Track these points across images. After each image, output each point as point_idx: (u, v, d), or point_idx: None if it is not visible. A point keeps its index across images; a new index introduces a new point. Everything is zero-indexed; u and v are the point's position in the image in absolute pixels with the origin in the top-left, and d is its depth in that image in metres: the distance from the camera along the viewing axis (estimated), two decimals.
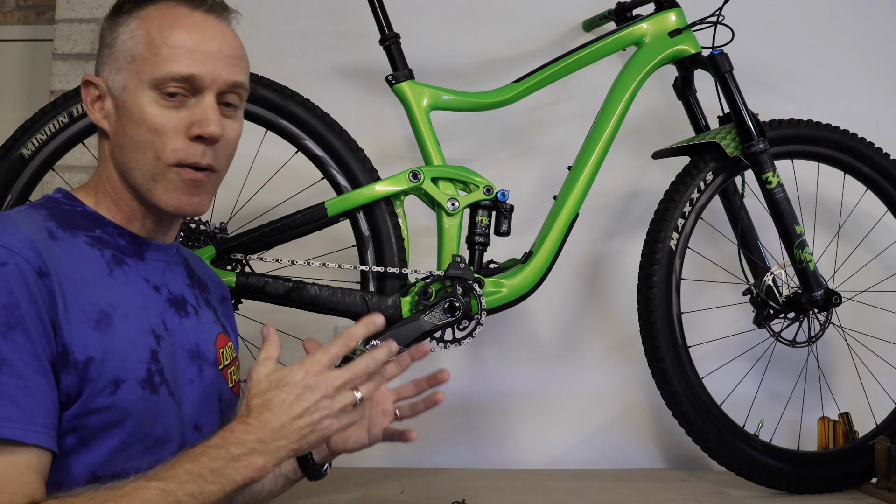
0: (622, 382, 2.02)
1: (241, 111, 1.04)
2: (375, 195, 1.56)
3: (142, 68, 0.96)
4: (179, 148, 0.96)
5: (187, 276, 1.10)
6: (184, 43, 0.96)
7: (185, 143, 0.96)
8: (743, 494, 1.67)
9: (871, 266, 2.04)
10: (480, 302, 1.55)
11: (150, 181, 0.97)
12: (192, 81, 0.96)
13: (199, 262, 1.19)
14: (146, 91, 0.96)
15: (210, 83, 0.97)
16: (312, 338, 1.08)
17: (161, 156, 0.96)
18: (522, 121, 2.04)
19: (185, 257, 1.13)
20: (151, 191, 0.97)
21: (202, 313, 1.08)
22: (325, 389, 0.90)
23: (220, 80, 0.97)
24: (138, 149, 0.97)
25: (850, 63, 2.12)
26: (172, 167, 0.96)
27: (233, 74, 0.99)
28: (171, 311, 1.02)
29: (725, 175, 1.73)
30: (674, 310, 1.67)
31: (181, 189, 0.97)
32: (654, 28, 1.74)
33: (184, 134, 0.96)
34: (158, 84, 0.95)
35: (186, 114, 0.96)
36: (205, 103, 0.96)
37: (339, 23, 2.04)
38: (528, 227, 1.79)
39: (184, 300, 1.05)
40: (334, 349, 0.93)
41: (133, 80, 0.96)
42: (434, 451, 1.97)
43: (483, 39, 2.05)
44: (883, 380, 1.96)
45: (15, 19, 2.16)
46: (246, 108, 1.53)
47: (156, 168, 0.96)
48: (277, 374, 0.91)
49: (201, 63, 0.96)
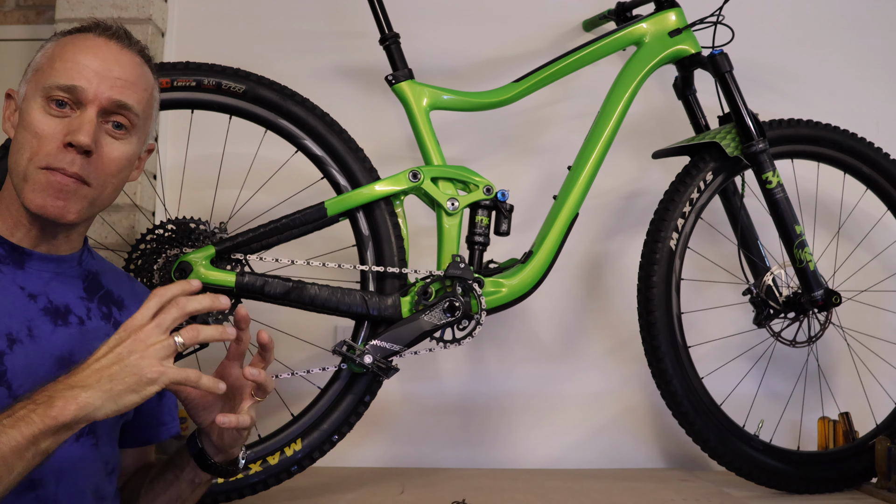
0: (622, 382, 2.02)
1: (133, 136, 1.09)
2: (375, 195, 1.56)
3: (39, 79, 1.06)
4: (51, 152, 1.03)
5: (84, 290, 1.13)
6: (76, 58, 1.05)
7: (58, 149, 1.03)
8: (743, 494, 1.67)
9: (871, 266, 2.04)
10: (480, 302, 1.55)
11: (22, 181, 1.04)
12: (75, 92, 1.03)
13: (124, 279, 1.23)
14: (38, 99, 1.05)
15: (92, 98, 1.04)
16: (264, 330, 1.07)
17: (34, 157, 1.03)
18: (522, 121, 2.04)
19: (93, 271, 1.16)
20: (22, 191, 1.04)
21: (91, 325, 1.11)
22: (136, 333, 0.92)
23: (103, 96, 1.04)
24: (18, 150, 1.05)
25: (850, 63, 2.12)
26: (41, 169, 1.03)
27: (117, 94, 1.06)
28: (44, 319, 1.06)
29: (725, 175, 1.73)
30: (674, 310, 1.67)
31: (46, 190, 1.03)
32: (653, 28, 1.74)
33: (59, 140, 1.03)
34: (46, 92, 1.04)
35: (67, 123, 1.04)
36: (84, 115, 1.04)
37: (339, 23, 2.04)
38: (528, 227, 1.79)
39: (67, 310, 1.09)
40: (149, 303, 0.95)
41: (31, 90, 1.06)
42: (434, 451, 1.97)
43: (483, 39, 2.05)
44: (883, 380, 1.96)
45: (15, 19, 2.16)
46: (246, 108, 1.56)
47: (27, 168, 1.03)
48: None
49: (87, 78, 1.04)
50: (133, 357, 0.90)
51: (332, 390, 1.56)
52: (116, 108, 1.06)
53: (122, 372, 0.89)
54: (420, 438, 1.98)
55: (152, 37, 1.93)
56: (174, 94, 1.53)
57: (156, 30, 1.95)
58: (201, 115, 1.60)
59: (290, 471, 1.53)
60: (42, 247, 1.09)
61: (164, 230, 1.50)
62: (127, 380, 0.89)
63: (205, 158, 1.82)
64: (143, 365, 0.90)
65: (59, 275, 1.10)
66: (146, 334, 0.92)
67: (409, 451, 1.97)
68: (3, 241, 1.06)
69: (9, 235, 1.07)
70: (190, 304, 0.96)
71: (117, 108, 1.06)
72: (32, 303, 1.06)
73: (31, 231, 1.07)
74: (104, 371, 0.89)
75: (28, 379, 1.01)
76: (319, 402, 1.56)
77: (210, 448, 1.11)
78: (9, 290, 1.04)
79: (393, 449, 1.97)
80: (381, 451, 1.97)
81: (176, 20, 2.03)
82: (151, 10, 1.93)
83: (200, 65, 1.56)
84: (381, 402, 1.70)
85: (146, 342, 0.91)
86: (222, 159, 1.77)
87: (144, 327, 0.92)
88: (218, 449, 1.10)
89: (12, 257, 1.06)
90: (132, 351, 0.90)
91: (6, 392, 0.99)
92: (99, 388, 0.88)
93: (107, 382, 0.89)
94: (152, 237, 1.50)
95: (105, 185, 1.08)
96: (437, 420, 1.99)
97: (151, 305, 0.94)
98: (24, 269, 1.07)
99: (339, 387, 1.56)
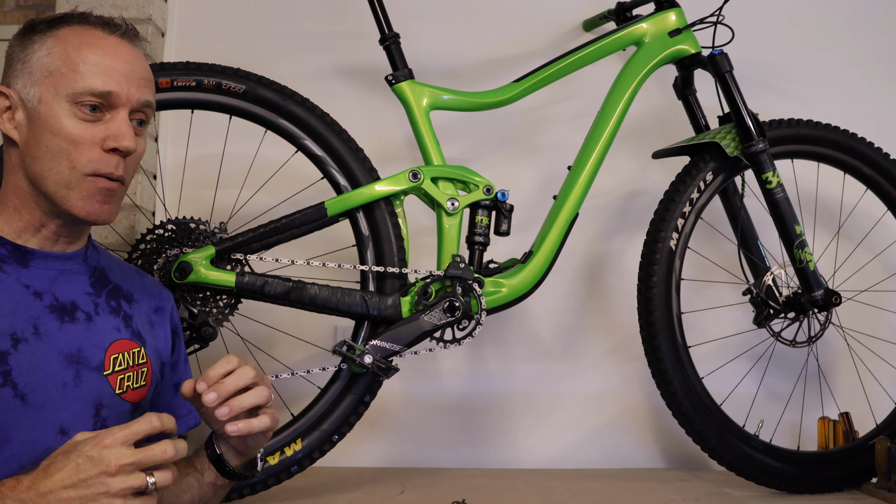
0: (622, 382, 2.02)
1: (146, 129, 1.13)
2: (375, 195, 1.56)
3: (59, 82, 1.04)
4: (94, 159, 1.04)
5: (91, 285, 1.13)
6: (101, 62, 1.05)
7: (100, 154, 1.04)
8: (743, 494, 1.67)
9: (871, 266, 2.04)
10: (480, 302, 1.55)
11: (65, 189, 1.04)
12: (108, 98, 1.05)
13: (133, 273, 1.23)
14: (63, 104, 1.04)
15: (125, 100, 1.06)
16: (232, 356, 1.04)
17: (77, 165, 1.03)
18: (522, 121, 2.04)
19: (100, 267, 1.16)
20: (66, 198, 1.04)
21: (99, 320, 1.11)
22: (106, 465, 0.87)
23: (134, 98, 1.07)
24: (53, 158, 1.04)
25: (850, 63, 2.12)
26: (88, 176, 1.04)
27: (144, 94, 1.08)
28: (50, 317, 1.06)
29: (725, 175, 1.73)
30: (674, 310, 1.67)
31: (95, 197, 1.05)
32: (653, 28, 1.74)
33: (99, 146, 1.04)
34: (76, 97, 1.04)
35: (102, 127, 1.05)
36: (119, 118, 1.06)
37: (339, 23, 2.04)
38: (528, 227, 1.79)
39: (73, 307, 1.09)
40: (136, 426, 0.90)
41: (49, 93, 1.04)
42: (434, 451, 1.97)
43: (483, 39, 2.05)
44: (883, 380, 1.96)
45: (15, 19, 2.16)
46: (246, 108, 1.56)
47: (71, 177, 1.04)
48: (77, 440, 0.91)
49: (117, 82, 1.05)
50: (97, 490, 0.86)
51: (332, 390, 1.56)
52: (142, 107, 1.09)
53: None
54: (420, 438, 1.98)
55: (152, 37, 1.93)
56: (174, 94, 1.54)
57: (156, 30, 1.95)
58: (201, 115, 1.60)
59: (290, 471, 1.53)
60: (54, 246, 1.09)
61: (164, 230, 1.50)
62: None
63: (205, 158, 1.82)
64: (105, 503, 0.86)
65: (64, 272, 1.10)
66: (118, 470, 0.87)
67: (409, 451, 1.97)
68: (5, 242, 1.06)
69: (14, 238, 1.07)
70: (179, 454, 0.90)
71: (142, 107, 1.09)
72: (38, 301, 1.05)
73: (39, 232, 1.07)
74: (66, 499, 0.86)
75: (34, 377, 1.01)
76: (319, 403, 1.56)
77: (228, 452, 1.11)
78: (12, 289, 1.04)
79: (393, 449, 1.97)
80: (381, 451, 1.97)
81: (176, 20, 2.03)
82: (151, 10, 1.93)
83: (200, 65, 1.56)
84: (381, 402, 1.70)
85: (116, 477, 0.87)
86: (222, 159, 1.77)
87: (121, 460, 0.87)
88: (238, 452, 1.11)
89: (15, 256, 1.06)
90: (99, 483, 0.86)
91: (11, 392, 0.99)
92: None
93: None
94: (152, 237, 1.50)
95: (131, 180, 1.11)
96: (437, 420, 1.99)
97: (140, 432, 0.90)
98: (28, 268, 1.07)
99: (339, 387, 1.56)
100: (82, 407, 1.05)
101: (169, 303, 1.26)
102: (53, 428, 1.02)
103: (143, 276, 1.25)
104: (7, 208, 1.08)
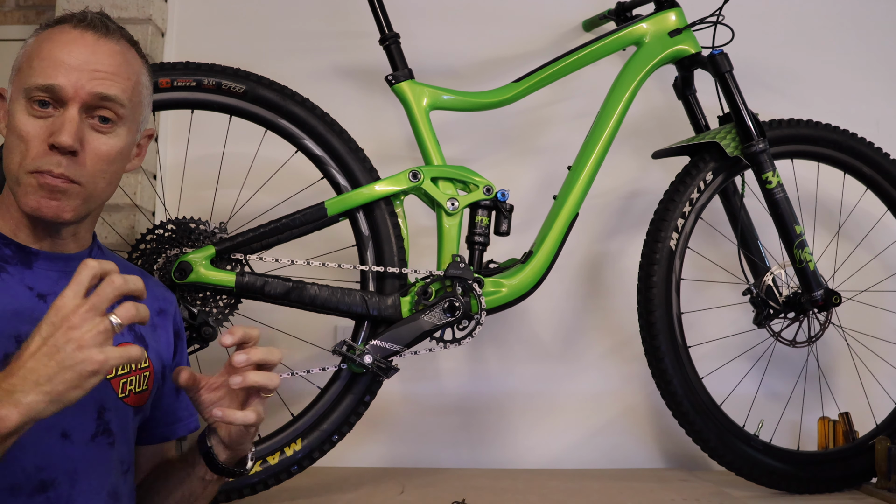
0: (622, 382, 2.02)
1: (121, 127, 1.06)
2: (375, 195, 1.56)
3: (20, 79, 1.04)
4: (37, 155, 1.01)
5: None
6: (52, 55, 1.02)
7: (44, 151, 1.01)
8: (743, 494, 1.67)
9: (871, 266, 2.04)
10: (480, 302, 1.55)
11: (15, 185, 1.03)
12: (54, 91, 1.01)
13: (136, 275, 1.20)
14: (21, 100, 1.03)
15: (72, 94, 1.01)
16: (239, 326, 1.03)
17: (23, 161, 1.02)
18: (522, 121, 2.04)
19: None
20: (16, 194, 1.03)
21: None
22: (67, 322, 0.85)
23: (83, 91, 1.01)
24: (10, 154, 1.03)
25: (850, 63, 2.12)
26: (30, 173, 1.01)
27: (98, 87, 1.02)
28: None
29: (725, 175, 1.73)
30: (674, 310, 1.67)
31: (37, 192, 1.02)
32: (653, 28, 1.74)
33: (45, 142, 1.01)
34: (28, 93, 1.02)
35: (50, 123, 1.01)
36: (66, 115, 1.01)
37: (339, 23, 2.04)
38: (528, 227, 1.79)
39: None
40: (79, 276, 0.88)
41: (15, 91, 1.05)
42: (434, 451, 1.97)
43: (483, 39, 2.05)
44: (883, 380, 1.96)
45: (15, 19, 2.16)
46: (246, 108, 1.56)
47: (18, 172, 1.02)
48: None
49: (64, 75, 1.01)
50: (69, 348, 0.84)
51: (332, 390, 1.56)
52: (99, 101, 1.03)
53: (59, 369, 0.83)
54: (420, 438, 1.98)
55: (152, 37, 1.93)
56: (174, 94, 1.53)
57: (156, 30, 1.95)
58: (201, 115, 1.60)
59: (290, 471, 1.53)
60: (47, 245, 1.08)
61: (164, 230, 1.50)
62: (67, 376, 0.84)
63: (205, 158, 1.82)
64: (81, 357, 0.84)
65: (68, 273, 1.07)
66: (80, 319, 0.85)
67: (409, 451, 1.97)
68: (10, 242, 1.06)
69: (13, 236, 1.07)
70: (129, 283, 0.88)
71: (100, 102, 1.03)
72: (42, 303, 1.04)
73: (34, 231, 1.07)
74: (41, 370, 0.83)
75: None
76: (319, 402, 1.56)
77: (218, 446, 1.10)
78: (17, 291, 1.03)
79: (393, 449, 1.97)
80: (381, 451, 1.97)
81: (176, 20, 2.03)
82: (151, 10, 1.93)
83: (200, 65, 1.56)
84: (381, 402, 1.70)
85: (80, 328, 0.84)
86: (222, 159, 1.77)
87: (78, 310, 0.85)
88: (226, 446, 1.10)
89: (19, 257, 1.06)
90: (67, 341, 0.84)
91: None
92: (39, 390, 0.83)
93: (46, 384, 0.83)
94: (152, 237, 1.50)
95: (96, 181, 1.05)
96: (437, 420, 1.99)
97: (82, 279, 0.87)
98: (31, 269, 1.06)
99: (339, 387, 1.56)
100: (84, 410, 1.04)
101: (172, 306, 1.25)
102: (55, 431, 1.01)
103: (147, 278, 1.24)
104: (3, 206, 1.08)
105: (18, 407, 0.83)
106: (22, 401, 0.83)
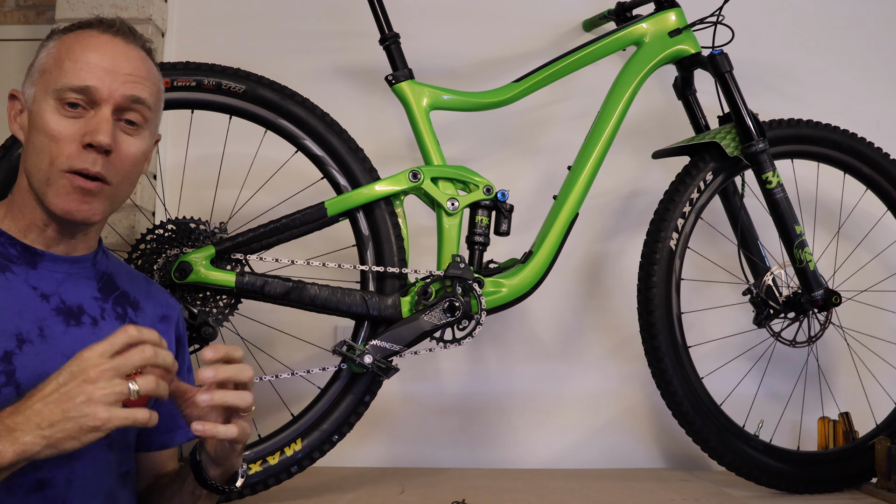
0: (622, 382, 2.02)
1: (146, 130, 1.10)
2: (375, 195, 1.56)
3: (47, 81, 1.05)
4: (72, 155, 1.02)
5: (99, 290, 1.13)
6: (84, 58, 1.05)
7: (78, 150, 1.03)
8: (743, 494, 1.67)
9: (871, 266, 2.04)
10: (480, 302, 1.55)
11: (45, 185, 1.04)
12: (88, 93, 1.03)
13: (141, 281, 1.23)
14: (49, 101, 1.04)
15: (106, 96, 1.04)
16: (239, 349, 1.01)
17: (55, 161, 1.03)
18: (522, 121, 2.04)
19: (108, 272, 1.16)
20: (45, 195, 1.04)
21: (105, 326, 1.10)
22: (85, 374, 0.86)
23: (117, 94, 1.05)
24: (37, 154, 1.04)
25: (850, 63, 2.12)
26: (64, 173, 1.03)
27: (129, 90, 1.06)
28: (56, 320, 1.05)
29: (725, 175, 1.73)
30: (674, 310, 1.67)
31: (71, 194, 1.03)
32: (653, 28, 1.74)
33: (78, 142, 1.03)
34: (59, 94, 1.03)
35: (83, 123, 1.03)
36: (100, 115, 1.04)
37: (339, 23, 2.04)
38: (528, 227, 1.79)
39: (80, 311, 1.09)
40: (114, 338, 0.89)
41: (41, 92, 1.06)
42: (434, 451, 1.97)
43: (483, 39, 2.05)
44: (883, 380, 1.96)
45: (15, 19, 2.16)
46: (246, 108, 1.56)
47: (49, 172, 1.03)
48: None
49: (98, 77, 1.04)
50: (78, 400, 0.85)
51: (332, 390, 1.56)
52: (130, 103, 1.06)
53: (62, 418, 0.85)
54: (420, 438, 1.98)
55: (152, 37, 1.93)
56: (174, 94, 1.54)
57: (156, 30, 1.95)
58: (201, 115, 1.60)
59: (290, 471, 1.53)
60: (58, 248, 1.09)
61: (164, 230, 1.51)
62: (67, 426, 0.85)
63: (205, 158, 1.82)
64: (86, 411, 0.85)
65: (72, 275, 1.10)
66: (98, 375, 0.86)
67: (409, 451, 1.97)
68: (16, 242, 1.07)
69: (21, 237, 1.07)
70: (159, 357, 0.90)
71: (131, 104, 1.06)
72: (45, 303, 1.05)
73: (44, 232, 1.07)
74: (45, 415, 0.85)
75: (37, 379, 0.99)
76: (319, 403, 1.56)
77: (208, 462, 1.08)
78: (20, 290, 1.04)
79: (393, 449, 1.97)
80: (381, 451, 1.97)
81: (176, 20, 2.03)
82: (151, 10, 1.93)
83: (200, 65, 1.56)
84: (381, 402, 1.70)
85: (96, 384, 0.85)
86: (222, 159, 1.77)
87: (99, 367, 0.86)
88: (213, 460, 1.07)
89: (24, 257, 1.06)
90: (80, 392, 0.85)
91: (14, 392, 0.99)
92: (38, 433, 0.84)
93: (47, 429, 0.85)
94: (152, 237, 1.50)
95: (123, 181, 1.08)
96: (437, 420, 1.99)
97: (116, 342, 0.88)
98: (36, 270, 1.07)
99: (339, 387, 1.56)
100: None
101: (175, 312, 1.25)
102: None
103: (151, 284, 1.25)
104: (14, 206, 1.09)
105: (15, 445, 0.84)
106: (20, 440, 0.85)
